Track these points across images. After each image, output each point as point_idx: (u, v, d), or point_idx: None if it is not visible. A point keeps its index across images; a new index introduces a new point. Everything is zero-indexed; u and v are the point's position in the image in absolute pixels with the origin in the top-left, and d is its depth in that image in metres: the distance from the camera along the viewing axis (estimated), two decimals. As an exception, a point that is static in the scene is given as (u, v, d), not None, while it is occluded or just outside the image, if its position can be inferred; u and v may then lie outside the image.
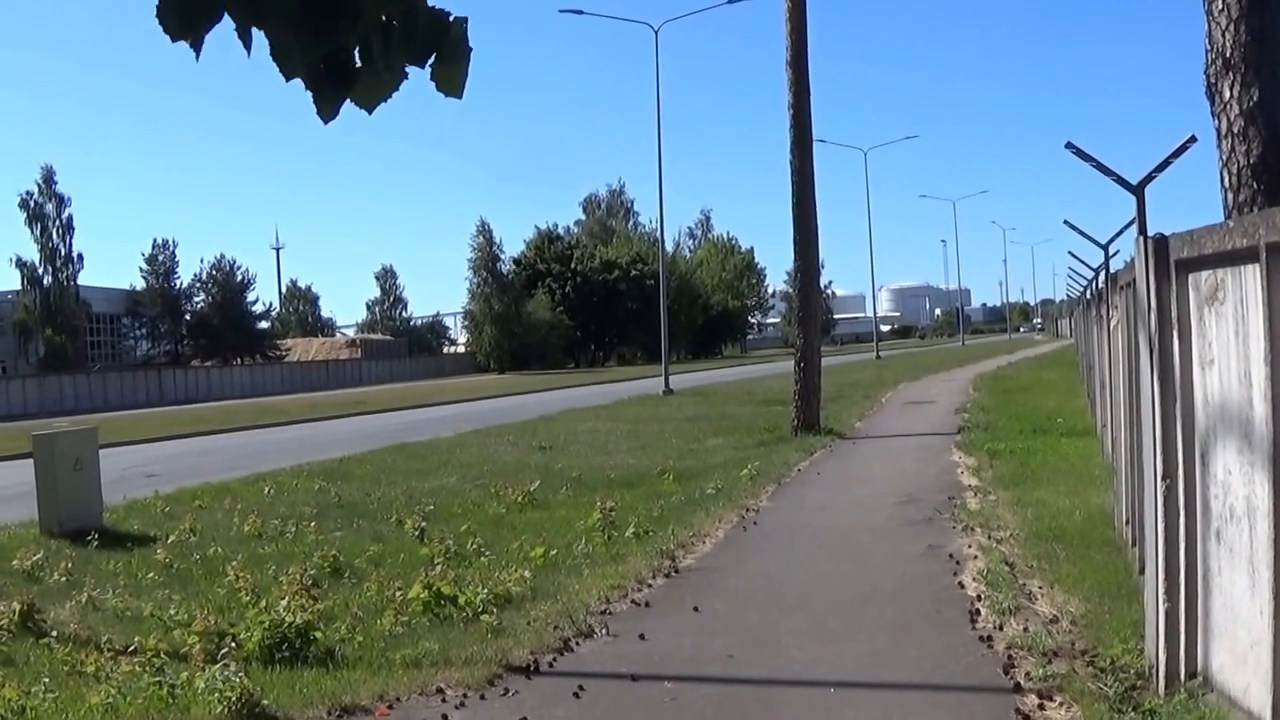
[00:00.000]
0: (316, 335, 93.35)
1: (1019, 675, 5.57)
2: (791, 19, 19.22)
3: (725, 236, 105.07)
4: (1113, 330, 9.48)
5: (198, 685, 5.69)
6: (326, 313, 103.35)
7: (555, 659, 6.40)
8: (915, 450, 16.34)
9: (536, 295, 78.10)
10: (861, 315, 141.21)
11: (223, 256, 78.66)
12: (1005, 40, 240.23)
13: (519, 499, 12.36)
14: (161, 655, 6.20)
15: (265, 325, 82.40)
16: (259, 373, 68.21)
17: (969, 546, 8.83)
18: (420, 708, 5.65)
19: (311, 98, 2.58)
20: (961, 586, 7.54)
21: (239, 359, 75.36)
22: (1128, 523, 7.77)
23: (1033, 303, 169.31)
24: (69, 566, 9.48)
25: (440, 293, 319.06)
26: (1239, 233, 4.20)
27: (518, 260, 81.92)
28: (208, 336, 76.50)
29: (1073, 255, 26.70)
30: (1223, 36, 5.63)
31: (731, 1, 38.40)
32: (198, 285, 77.63)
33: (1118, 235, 9.53)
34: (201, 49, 2.48)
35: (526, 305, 76.88)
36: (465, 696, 5.77)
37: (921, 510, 10.74)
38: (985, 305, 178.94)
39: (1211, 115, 5.80)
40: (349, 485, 14.99)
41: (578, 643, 6.70)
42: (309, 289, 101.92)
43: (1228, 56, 5.61)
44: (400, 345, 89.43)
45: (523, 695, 5.79)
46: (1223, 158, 5.71)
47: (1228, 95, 5.63)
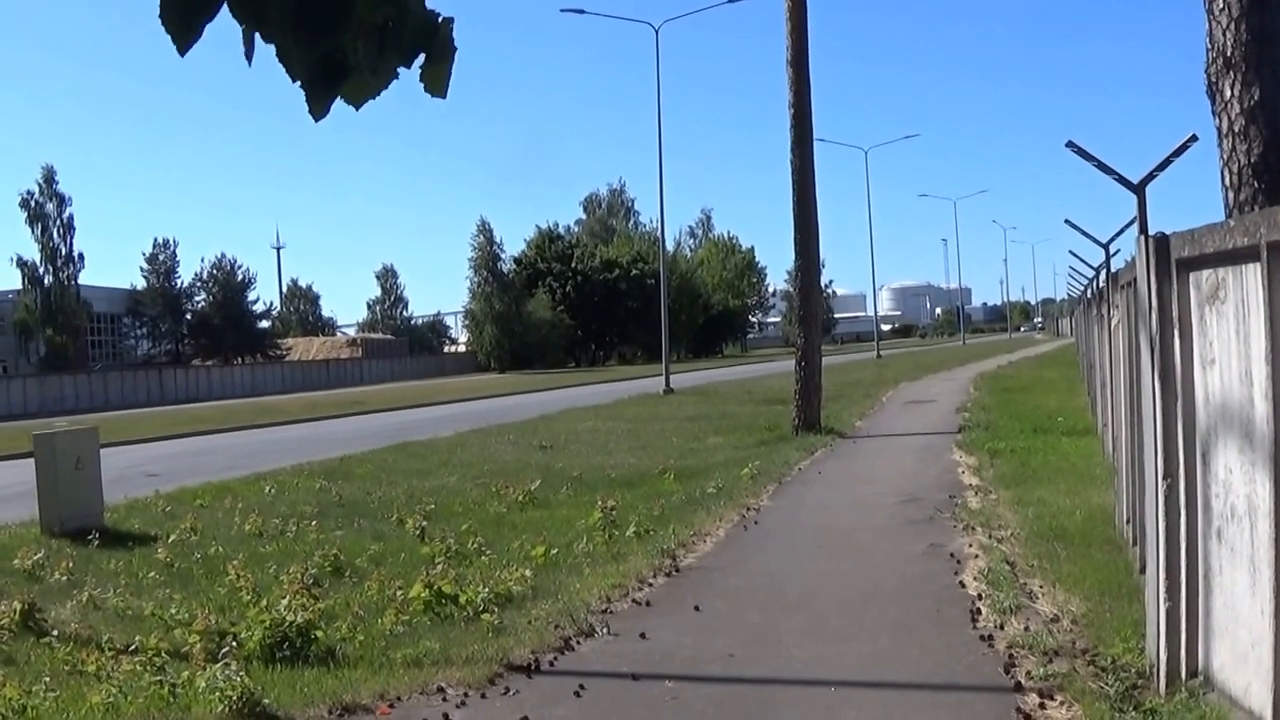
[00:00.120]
0: (317, 335, 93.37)
1: (1020, 674, 5.57)
2: (792, 18, 19.22)
3: (726, 236, 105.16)
4: (1113, 329, 9.48)
5: (199, 684, 5.69)
6: (327, 312, 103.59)
7: (556, 658, 6.40)
8: (916, 449, 16.34)
9: (537, 294, 78.09)
10: (862, 314, 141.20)
11: (223, 256, 78.85)
12: (1006, 39, 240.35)
13: (520, 498, 12.36)
14: (162, 654, 6.20)
15: (266, 325, 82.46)
16: (260, 372, 68.22)
17: (970, 545, 8.84)
18: (421, 707, 5.65)
19: (305, 96, 2.62)
20: (962, 585, 7.54)
21: (240, 358, 75.40)
22: (1128, 522, 7.77)
23: (1033, 302, 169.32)
24: (70, 566, 9.48)
25: (441, 292, 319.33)
26: (1240, 232, 4.20)
27: (518, 259, 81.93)
28: (208, 336, 76.55)
29: (1073, 254, 26.74)
30: (1223, 35, 5.63)
31: (732, 1, 38.44)
32: (198, 285, 77.76)
33: (1119, 234, 9.53)
34: (189, 48, 2.50)
35: (527, 304, 76.87)
36: (466, 695, 5.77)
37: (922, 509, 10.74)
38: (986, 304, 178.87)
39: (1212, 114, 5.79)
40: (350, 484, 14.99)
41: (579, 642, 6.71)
42: (310, 288, 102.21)
43: (1228, 55, 5.61)
44: (401, 345, 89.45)
45: (524, 694, 5.79)
46: (1223, 157, 5.71)
47: (1228, 94, 5.62)
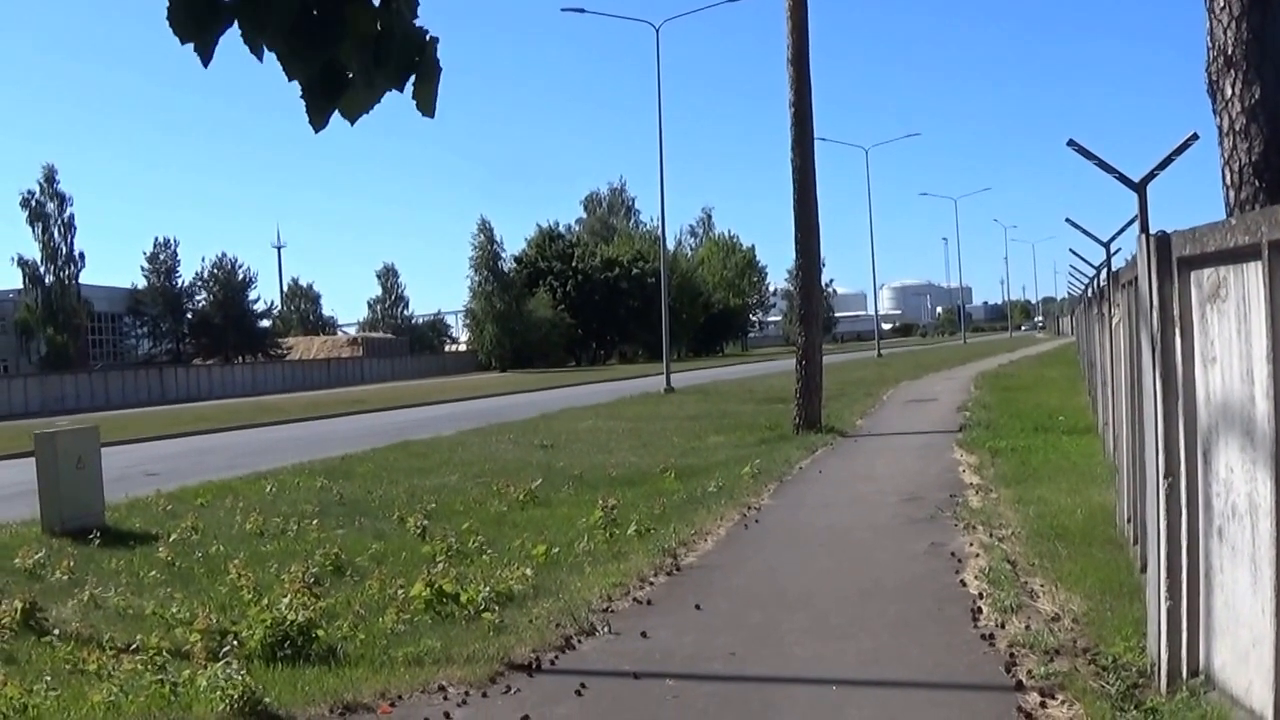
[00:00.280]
0: (318, 334, 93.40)
1: (1021, 673, 5.57)
2: (793, 17, 19.21)
3: (726, 234, 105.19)
4: (1114, 328, 9.47)
5: (200, 683, 5.69)
6: (328, 311, 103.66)
7: (557, 657, 6.40)
8: (917, 448, 16.34)
9: (538, 293, 78.08)
10: (863, 313, 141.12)
11: (224, 255, 78.94)
12: (1006, 38, 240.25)
13: (521, 497, 12.37)
14: (163, 653, 6.21)
15: (267, 324, 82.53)
16: (260, 371, 68.26)
17: (971, 544, 8.83)
18: (422, 706, 5.65)
19: (305, 106, 2.68)
20: (963, 584, 7.54)
21: (240, 357, 75.43)
22: (1129, 521, 7.77)
23: (1034, 301, 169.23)
24: (71, 565, 9.49)
25: (442, 291, 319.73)
26: (1241, 230, 4.19)
27: (519, 258, 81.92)
28: (209, 335, 76.60)
29: (1074, 253, 26.73)
30: (1224, 34, 5.62)
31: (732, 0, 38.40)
32: (199, 284, 77.83)
33: (1119, 233, 9.53)
34: (211, 56, 2.55)
35: (528, 303, 76.87)
36: (467, 694, 5.78)
37: (923, 508, 10.74)
38: (987, 303, 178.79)
39: (1213, 113, 5.79)
40: (351, 483, 15.00)
41: (580, 640, 6.71)
42: (310, 287, 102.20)
43: (1229, 54, 5.60)
44: (401, 344, 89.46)
45: (525, 693, 5.79)
46: (1224, 155, 5.70)
47: (1229, 93, 5.62)
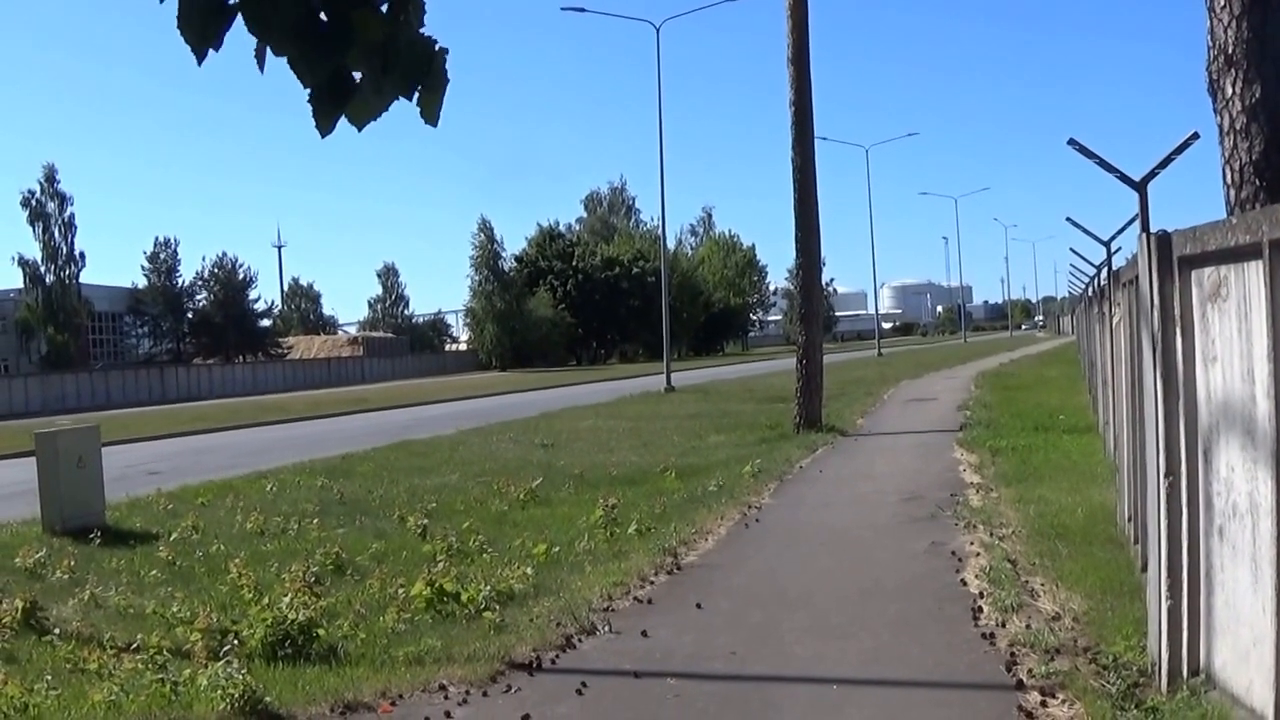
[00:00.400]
0: (318, 333, 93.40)
1: (1021, 672, 5.57)
2: (793, 15, 19.20)
3: (727, 234, 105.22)
4: (1115, 327, 9.47)
5: (200, 682, 5.70)
6: (328, 310, 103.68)
7: (558, 656, 6.40)
8: (917, 447, 16.34)
9: (538, 293, 78.09)
10: (863, 312, 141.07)
11: (224, 254, 78.87)
12: (1007, 36, 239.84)
13: (521, 496, 12.37)
14: (164, 652, 6.22)
15: (267, 323, 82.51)
16: (261, 370, 68.26)
17: (971, 544, 8.83)
18: (423, 705, 5.65)
19: (313, 113, 2.69)
20: (964, 583, 7.54)
21: (241, 357, 75.42)
22: (1130, 520, 7.77)
23: (1034, 300, 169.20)
24: (71, 564, 9.50)
25: (442, 290, 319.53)
26: (1242, 229, 4.19)
27: (519, 258, 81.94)
28: (210, 334, 76.60)
29: (1074, 252, 26.73)
30: (1224, 33, 5.62)
31: (732, -2, 38.37)
32: (200, 283, 77.80)
33: (1120, 232, 9.54)
34: (206, 56, 2.56)
35: (528, 303, 76.89)
36: (468, 693, 5.78)
37: (924, 507, 10.74)
38: (987, 302, 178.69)
39: (1214, 112, 5.78)
40: (351, 482, 15.00)
41: (580, 640, 6.71)
42: (311, 287, 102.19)
43: (1229, 53, 5.60)
44: (402, 343, 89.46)
45: (525, 692, 5.79)
46: (1225, 154, 5.70)
47: (1230, 92, 5.61)
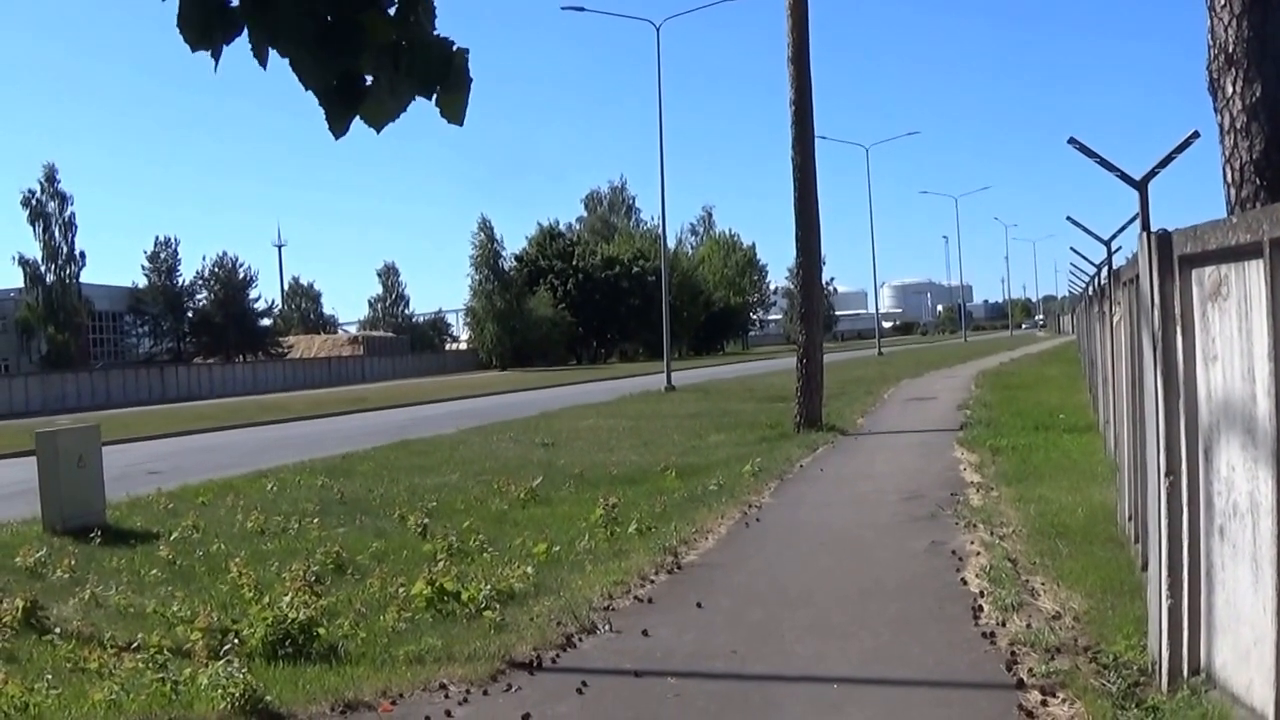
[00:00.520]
0: (319, 332, 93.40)
1: (1022, 671, 5.58)
2: (793, 14, 19.20)
3: (727, 233, 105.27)
4: (1115, 326, 9.47)
5: (201, 681, 5.70)
6: (329, 310, 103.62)
7: (558, 655, 6.40)
8: (918, 446, 16.34)
9: (538, 292, 78.09)
10: (863, 311, 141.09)
11: (225, 254, 78.83)
12: (1007, 36, 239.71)
13: (521, 495, 12.37)
14: (165, 652, 6.22)
15: (267, 322, 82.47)
16: (261, 370, 68.26)
17: (971, 543, 8.83)
18: (423, 704, 5.65)
19: (324, 113, 2.69)
20: (964, 583, 7.54)
21: (241, 356, 75.40)
22: (1130, 519, 7.76)
23: (1035, 299, 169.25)
24: (72, 564, 9.50)
25: (442, 290, 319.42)
26: (1243, 228, 4.19)
27: (519, 257, 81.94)
28: (210, 334, 76.57)
29: (1075, 251, 26.69)
30: (1225, 32, 5.62)
31: (733, -2, 38.34)
32: (200, 283, 77.76)
33: (1120, 231, 9.53)
34: (220, 59, 2.57)
35: (528, 302, 76.89)
36: (468, 692, 5.78)
37: (924, 506, 10.74)
38: (987, 301, 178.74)
39: (1214, 111, 5.78)
40: (352, 482, 15.01)
41: (581, 639, 6.71)
42: (311, 286, 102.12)
43: (1230, 52, 5.60)
44: (402, 342, 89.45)
45: (526, 691, 5.79)
46: (1225, 153, 5.70)
47: (1230, 91, 5.61)
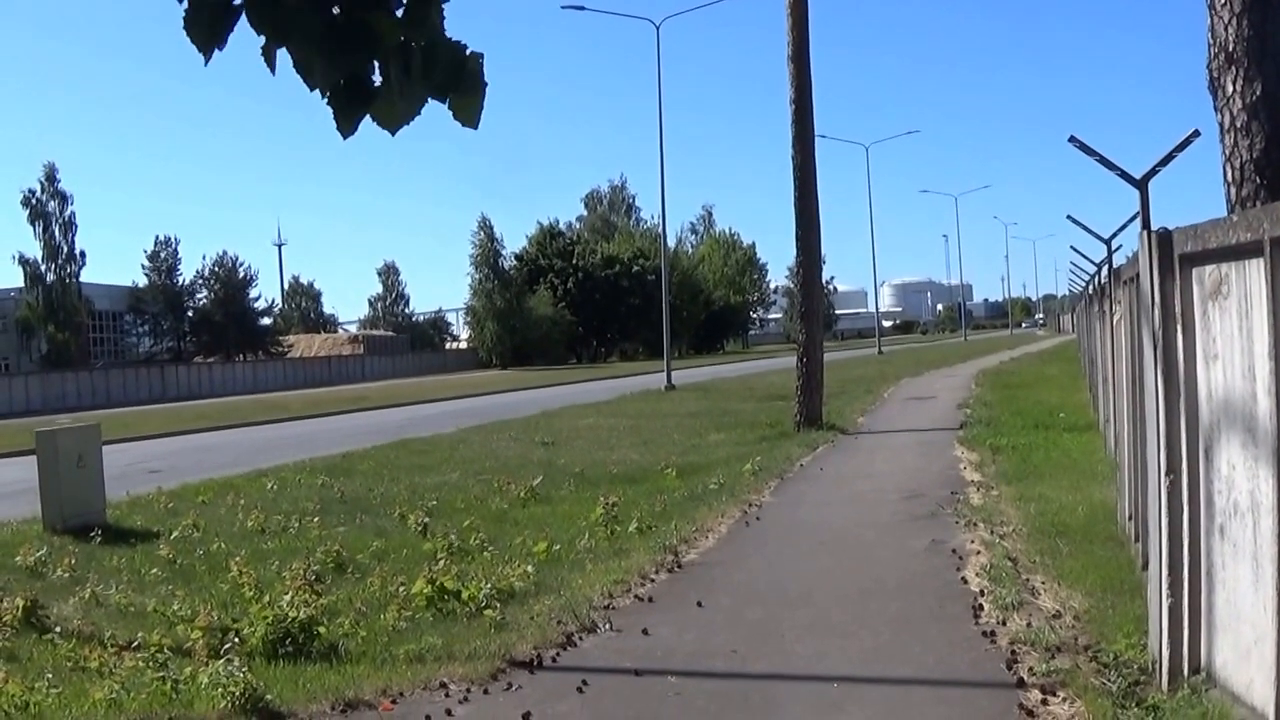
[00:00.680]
0: (319, 331, 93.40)
1: (1022, 670, 5.58)
2: (793, 13, 19.19)
3: (727, 232, 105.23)
4: (1115, 325, 9.47)
5: (201, 680, 5.70)
6: (329, 309, 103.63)
7: (559, 654, 6.40)
8: (918, 445, 16.34)
9: (538, 291, 78.07)
10: (863, 310, 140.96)
11: (225, 253, 78.77)
12: (1007, 34, 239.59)
13: (522, 494, 12.37)
14: (165, 650, 6.23)
15: (268, 322, 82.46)
16: (261, 369, 68.26)
17: (972, 542, 8.83)
18: (423, 702, 5.65)
19: (333, 114, 2.70)
20: (964, 581, 7.54)
21: (241, 355, 75.37)
22: (1130, 518, 7.76)
23: (1035, 298, 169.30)
24: (72, 563, 9.50)
25: (442, 289, 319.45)
26: (1243, 227, 4.19)
27: (519, 256, 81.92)
28: (210, 333, 76.56)
29: (1075, 250, 26.54)
30: (1225, 31, 5.62)
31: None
32: (200, 282, 77.73)
33: (1121, 230, 9.53)
34: (211, 57, 2.57)
35: (528, 301, 76.87)
36: (468, 691, 5.78)
37: (924, 505, 10.74)
38: (987, 300, 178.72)
39: (1214, 109, 5.78)
40: (352, 481, 15.01)
41: (581, 637, 6.71)
42: (311, 285, 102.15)
43: (1230, 51, 5.60)
44: (402, 341, 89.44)
45: (526, 690, 5.79)
46: (1225, 152, 5.70)
47: (1230, 90, 5.61)
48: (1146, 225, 5.82)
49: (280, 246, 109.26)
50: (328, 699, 5.67)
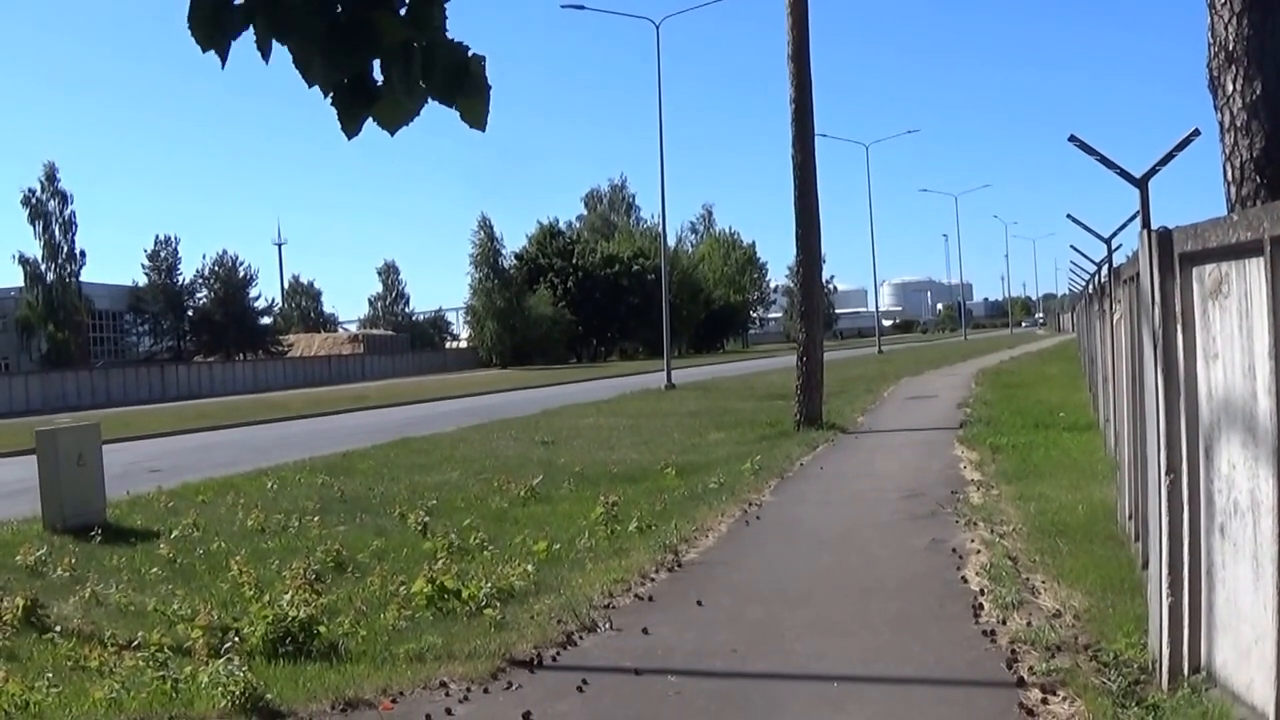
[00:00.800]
0: (319, 331, 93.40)
1: (1022, 670, 5.58)
2: (793, 12, 19.18)
3: (727, 231, 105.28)
4: (1116, 324, 9.47)
5: (201, 680, 5.70)
6: (329, 308, 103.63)
7: (559, 653, 6.40)
8: (918, 445, 16.33)
9: (538, 290, 78.09)
10: (863, 309, 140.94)
11: (225, 252, 78.77)
12: (1007, 33, 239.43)
13: (522, 494, 12.38)
14: (165, 650, 6.24)
15: (268, 321, 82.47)
16: (261, 368, 68.27)
17: (972, 541, 8.83)
18: (423, 701, 5.65)
19: (336, 114, 2.70)
20: (964, 581, 7.54)
21: (241, 355, 75.38)
22: (1131, 517, 7.76)
23: (1034, 297, 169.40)
24: (72, 562, 9.51)
25: (442, 288, 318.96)
26: (1243, 226, 4.19)
27: (519, 255, 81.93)
28: (210, 332, 76.56)
29: (1075, 249, 26.48)
30: (1225, 30, 5.62)
31: (733, -5, 38.30)
32: (200, 281, 77.74)
33: (1121, 229, 9.53)
34: (228, 57, 2.57)
35: (528, 300, 76.89)
36: (468, 690, 5.78)
37: (924, 505, 10.74)
38: (987, 300, 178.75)
39: (1214, 109, 5.78)
40: (352, 480, 15.01)
41: (581, 637, 6.71)
42: (311, 284, 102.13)
43: (1230, 50, 5.60)
44: (402, 340, 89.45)
45: (526, 689, 5.79)
46: (1225, 151, 5.70)
47: (1230, 89, 5.61)
48: (1146, 224, 5.82)
49: (280, 245, 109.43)
50: (328, 698, 5.67)
